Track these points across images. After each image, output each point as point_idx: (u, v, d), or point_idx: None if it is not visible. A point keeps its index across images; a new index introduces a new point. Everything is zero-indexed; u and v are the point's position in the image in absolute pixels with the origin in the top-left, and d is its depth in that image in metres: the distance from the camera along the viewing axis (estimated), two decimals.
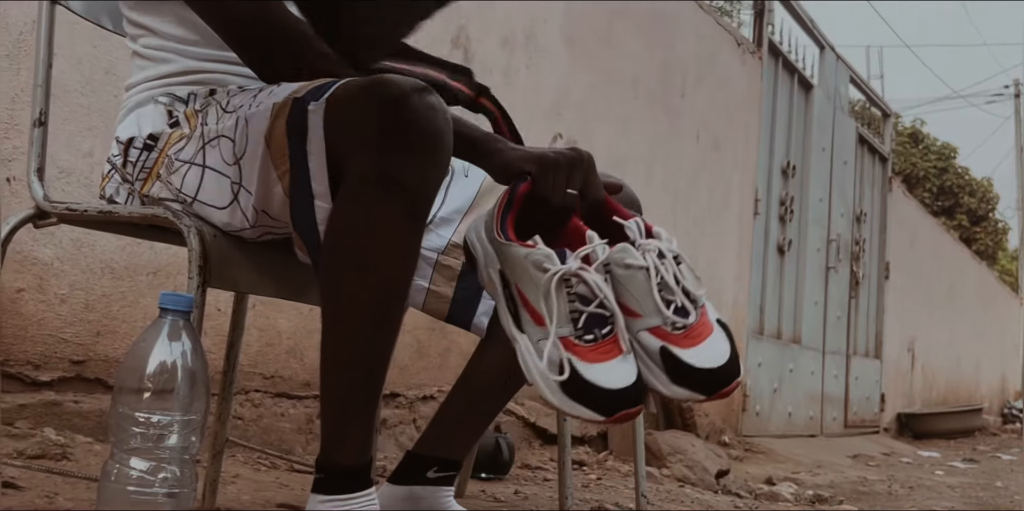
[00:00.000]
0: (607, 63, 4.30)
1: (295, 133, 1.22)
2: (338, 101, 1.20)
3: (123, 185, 1.48)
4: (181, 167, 1.37)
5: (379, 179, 1.17)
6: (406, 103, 1.17)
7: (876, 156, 7.85)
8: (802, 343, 6.41)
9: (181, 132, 1.40)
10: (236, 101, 1.37)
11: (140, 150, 1.43)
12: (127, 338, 2.42)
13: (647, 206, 4.87)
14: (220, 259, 1.38)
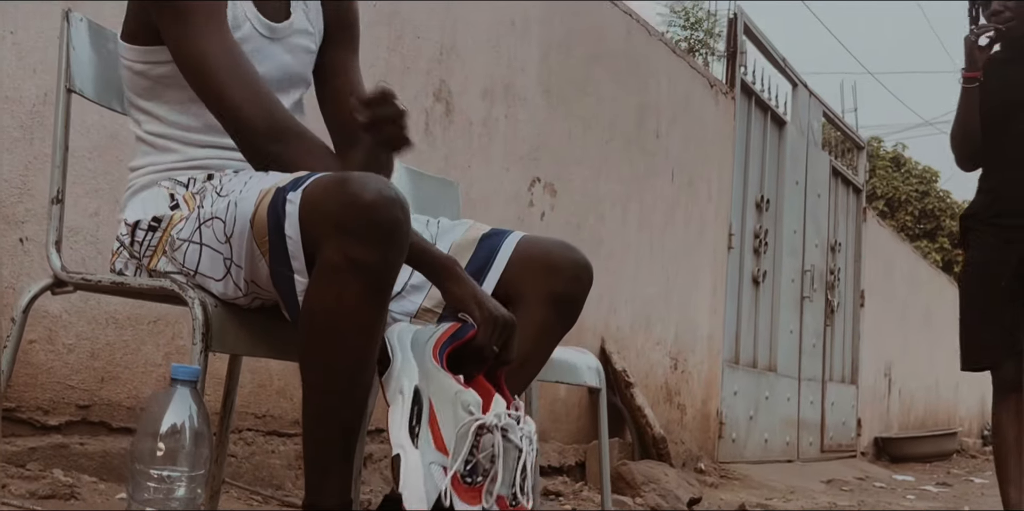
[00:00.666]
0: (584, 109, 4.52)
1: (274, 219, 1.42)
2: (312, 194, 1.40)
3: (131, 261, 1.67)
4: (182, 245, 1.56)
5: (346, 263, 1.37)
6: (368, 197, 1.36)
7: (850, 187, 8.08)
8: (778, 371, 6.60)
9: (181, 214, 1.59)
10: (229, 186, 1.56)
11: (146, 231, 1.62)
12: (129, 384, 2.60)
13: (625, 244, 5.06)
14: (220, 327, 1.57)
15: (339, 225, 1.36)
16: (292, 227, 1.40)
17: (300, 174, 1.47)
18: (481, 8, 3.82)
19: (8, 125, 2.32)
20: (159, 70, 1.65)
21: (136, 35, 1.66)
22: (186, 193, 1.62)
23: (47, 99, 2.38)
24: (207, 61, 1.56)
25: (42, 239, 2.38)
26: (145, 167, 1.72)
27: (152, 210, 1.63)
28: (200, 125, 1.69)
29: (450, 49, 3.65)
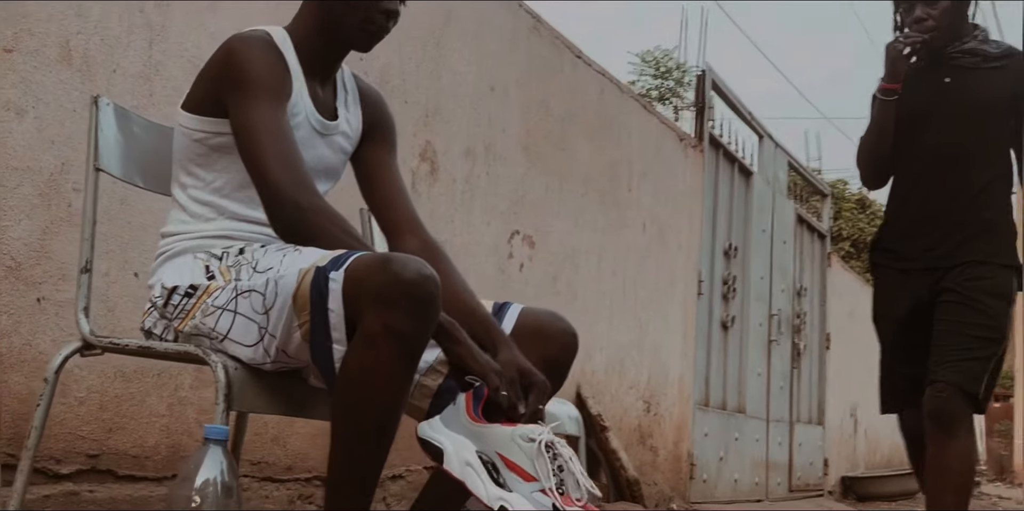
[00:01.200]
0: (560, 164, 4.73)
1: (317, 295, 1.61)
2: (356, 271, 1.60)
3: (161, 321, 1.85)
4: (216, 312, 1.74)
5: (385, 331, 1.56)
6: (408, 275, 1.57)
7: (815, 234, 8.34)
8: (747, 412, 6.79)
9: (216, 284, 1.77)
10: (265, 262, 1.75)
11: (182, 296, 1.80)
12: (134, 433, 2.75)
13: (599, 292, 5.26)
14: (240, 388, 1.74)
15: (381, 298, 1.55)
16: (335, 302, 1.59)
17: (337, 254, 1.65)
18: (464, 75, 4.03)
19: (28, 193, 2.48)
20: (215, 140, 1.86)
21: (200, 106, 1.87)
22: (221, 265, 1.80)
23: (63, 168, 2.56)
24: (257, 130, 1.77)
25: (57, 299, 2.55)
26: (180, 234, 1.90)
27: (189, 278, 1.81)
28: (241, 196, 1.88)
29: (435, 112, 3.86)
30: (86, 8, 2.59)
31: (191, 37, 2.88)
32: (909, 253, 2.87)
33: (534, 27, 4.51)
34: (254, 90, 1.79)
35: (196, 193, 1.91)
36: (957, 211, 2.84)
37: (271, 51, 1.86)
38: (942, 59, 2.88)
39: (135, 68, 2.73)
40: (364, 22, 1.92)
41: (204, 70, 1.90)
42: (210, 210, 1.90)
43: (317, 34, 1.94)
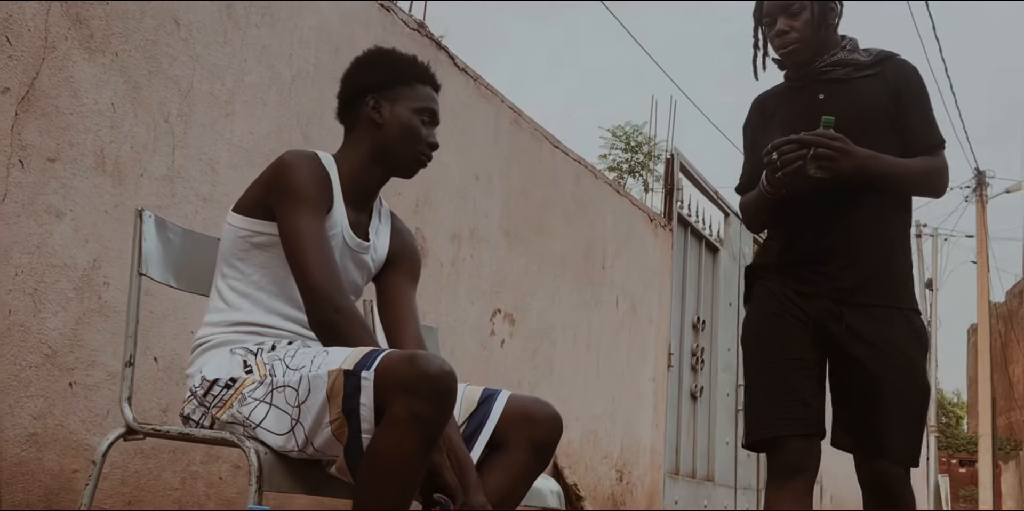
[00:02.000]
0: (539, 246, 5.04)
1: (351, 391, 1.88)
2: (387, 366, 1.87)
3: (199, 408, 2.10)
4: (253, 402, 2.00)
5: (411, 418, 1.83)
6: (433, 371, 1.85)
7: None
8: (715, 480, 7.04)
9: (253, 378, 2.03)
10: (297, 361, 2.01)
11: (222, 387, 2.05)
12: (151, 504, 2.98)
13: (574, 366, 5.57)
14: (270, 471, 2.00)
15: (409, 389, 1.82)
16: (367, 397, 1.86)
17: (364, 354, 1.93)
18: (451, 166, 4.35)
19: (65, 287, 2.74)
20: (257, 238, 2.14)
21: (249, 209, 2.16)
22: (257, 360, 2.06)
23: (95, 264, 2.82)
24: (303, 236, 2.05)
25: (87, 383, 2.80)
26: (217, 325, 2.16)
27: (228, 372, 2.06)
28: (274, 290, 2.16)
29: (424, 201, 4.16)
30: (119, 120, 2.88)
31: (208, 143, 3.17)
32: (808, 278, 2.58)
33: (515, 120, 4.84)
34: (301, 200, 2.07)
35: (235, 284, 2.18)
36: (852, 240, 2.57)
37: (318, 168, 2.15)
38: (812, 74, 2.68)
39: (160, 172, 3.01)
40: (418, 154, 2.24)
41: (258, 178, 2.19)
42: (246, 301, 2.17)
43: (369, 161, 2.24)
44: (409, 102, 2.26)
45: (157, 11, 2.98)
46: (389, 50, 2.36)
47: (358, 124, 2.27)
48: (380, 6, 3.94)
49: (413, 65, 2.33)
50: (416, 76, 2.30)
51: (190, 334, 3.04)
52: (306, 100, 3.56)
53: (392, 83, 2.26)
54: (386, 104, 2.25)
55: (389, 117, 2.24)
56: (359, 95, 2.27)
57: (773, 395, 2.53)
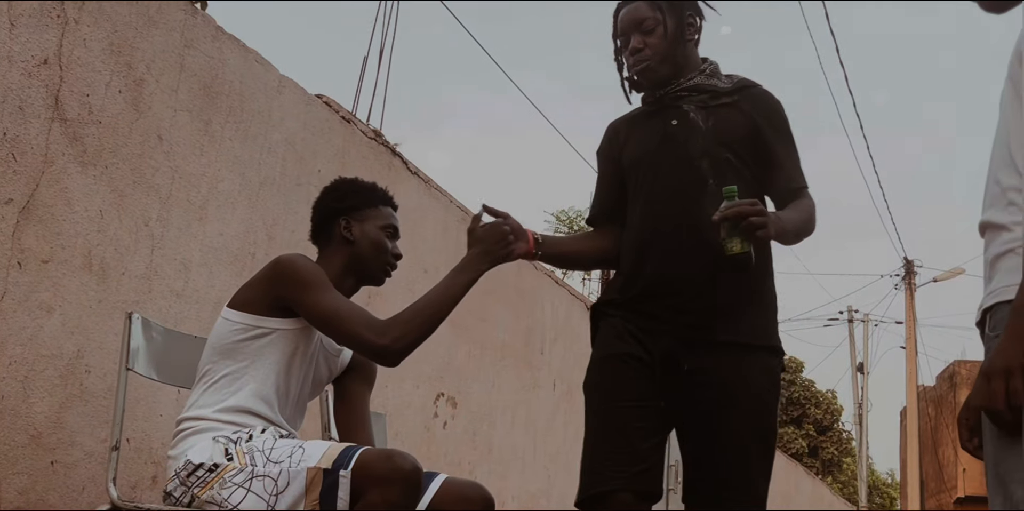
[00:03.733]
0: (481, 334, 5.40)
1: (328, 486, 2.21)
2: (365, 462, 2.21)
3: (181, 487, 2.41)
4: (232, 487, 2.32)
5: (385, 506, 2.16)
6: (407, 467, 2.19)
7: None
8: None
9: (234, 465, 2.35)
10: (277, 454, 2.32)
11: (205, 471, 2.37)
12: None
13: (512, 446, 5.89)
14: None
15: (385, 482, 2.17)
16: (344, 491, 2.20)
17: (340, 451, 2.26)
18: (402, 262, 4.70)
19: (51, 375, 3.05)
20: (253, 332, 2.45)
21: (247, 305, 2.47)
22: (237, 449, 2.38)
23: (79, 354, 3.14)
24: (340, 312, 2.38)
25: (67, 461, 3.09)
26: (206, 407, 2.46)
27: (212, 458, 2.37)
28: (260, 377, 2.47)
29: (376, 294, 4.52)
30: (105, 224, 3.23)
31: (183, 244, 3.52)
32: (653, 314, 2.43)
33: (462, 218, 5.25)
34: (317, 284, 2.40)
35: (226, 370, 2.48)
36: (705, 273, 2.40)
37: (312, 262, 2.49)
38: (667, 98, 2.54)
39: (139, 271, 3.35)
40: (385, 264, 2.63)
41: (255, 280, 2.50)
42: (235, 385, 2.47)
43: (342, 274, 2.59)
44: (375, 221, 2.65)
45: (144, 127, 3.35)
46: (352, 179, 2.78)
47: (331, 243, 2.63)
48: (341, 118, 4.35)
49: (375, 190, 2.73)
50: (379, 199, 2.71)
51: (159, 418, 3.36)
52: (272, 204, 3.93)
53: (360, 206, 2.66)
54: (356, 224, 2.63)
55: (359, 235, 2.62)
56: (332, 217, 2.65)
57: (607, 447, 2.35)
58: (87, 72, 3.13)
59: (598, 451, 2.37)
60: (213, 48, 3.65)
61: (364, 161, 4.51)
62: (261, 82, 3.88)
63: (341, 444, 2.31)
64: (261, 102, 3.88)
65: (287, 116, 4.03)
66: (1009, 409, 1.49)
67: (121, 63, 3.25)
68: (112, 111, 3.22)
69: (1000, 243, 1.63)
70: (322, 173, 4.22)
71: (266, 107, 3.91)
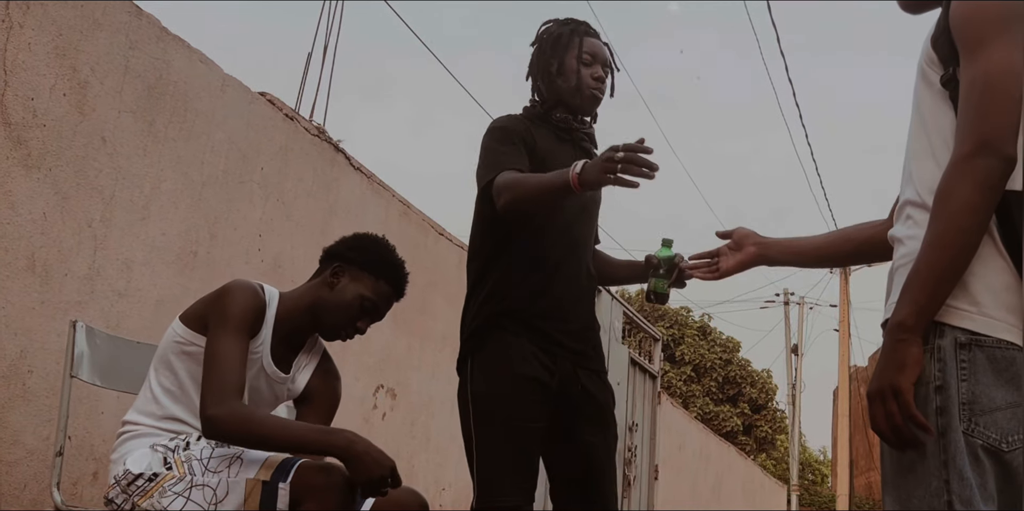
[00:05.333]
0: (421, 326, 5.49)
1: (266, 497, 2.29)
2: (302, 478, 2.28)
3: (122, 494, 2.47)
4: (171, 496, 2.39)
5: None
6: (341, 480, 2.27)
7: (647, 375, 9.26)
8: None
9: (173, 474, 2.42)
10: (214, 464, 2.38)
11: (145, 481, 2.44)
12: None
13: (450, 436, 5.96)
14: None
15: (323, 492, 2.25)
16: (283, 503, 2.27)
17: (278, 464, 2.33)
18: None
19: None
20: (190, 348, 2.48)
21: (190, 321, 2.48)
22: (176, 457, 2.44)
23: (22, 354, 3.18)
24: (218, 360, 2.36)
25: (8, 460, 3.14)
26: (146, 414, 2.51)
27: (150, 467, 2.42)
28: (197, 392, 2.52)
29: None
30: (48, 227, 3.26)
31: (126, 244, 3.56)
32: (554, 338, 2.59)
33: (404, 212, 5.32)
34: (229, 324, 2.39)
35: (165, 382, 2.52)
36: (590, 302, 2.69)
37: (255, 299, 2.45)
38: (576, 133, 2.74)
39: (81, 272, 3.39)
40: (340, 329, 2.58)
41: (206, 296, 2.51)
42: (170, 397, 2.51)
43: (302, 312, 2.57)
44: (363, 288, 2.56)
45: (88, 130, 3.38)
46: (388, 245, 2.67)
47: (316, 278, 2.63)
48: (284, 116, 4.39)
49: (393, 268, 2.62)
50: (388, 277, 2.60)
51: (100, 415, 3.42)
52: (215, 202, 3.97)
53: (364, 267, 2.58)
54: (345, 277, 2.58)
55: (340, 287, 2.57)
56: (334, 258, 2.62)
57: (516, 463, 2.49)
58: (31, 76, 3.15)
59: (503, 465, 2.51)
60: (158, 49, 3.67)
61: (307, 157, 4.56)
62: (205, 81, 3.92)
63: (279, 455, 2.38)
64: (205, 102, 3.92)
65: (230, 115, 4.07)
66: (891, 430, 1.55)
67: (66, 66, 3.28)
68: (56, 114, 3.25)
69: (897, 257, 1.69)
70: (265, 171, 4.27)
71: (210, 106, 3.95)
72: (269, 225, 4.24)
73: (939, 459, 1.53)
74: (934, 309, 1.55)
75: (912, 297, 1.55)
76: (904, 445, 1.55)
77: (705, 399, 21.37)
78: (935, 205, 1.57)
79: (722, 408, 21.69)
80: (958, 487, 1.50)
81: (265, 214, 4.26)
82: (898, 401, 1.52)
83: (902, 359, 1.53)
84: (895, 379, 1.53)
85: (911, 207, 1.67)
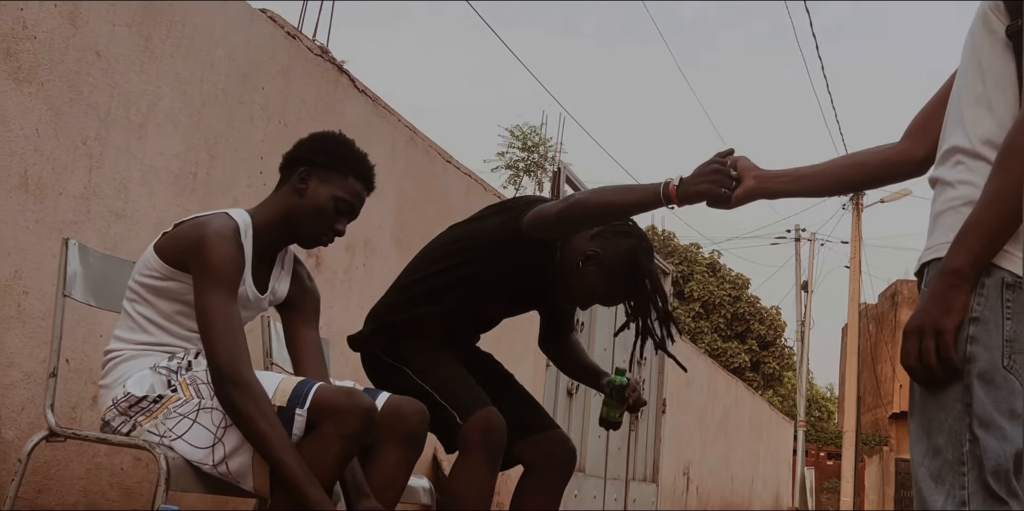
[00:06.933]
0: None
1: (283, 424, 2.23)
2: (321, 401, 2.24)
3: (120, 417, 2.39)
4: (177, 418, 2.31)
5: (337, 435, 2.23)
6: (366, 403, 2.24)
7: None
8: (586, 471, 7.51)
9: (179, 396, 2.34)
10: None
11: (150, 402, 2.36)
12: (58, 493, 3.27)
13: None
14: (177, 474, 2.33)
15: (343, 415, 2.22)
16: (299, 428, 2.24)
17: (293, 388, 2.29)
18: None
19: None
20: (169, 284, 2.40)
21: (168, 257, 2.39)
22: (180, 379, 2.37)
23: (16, 275, 3.10)
24: (213, 316, 2.30)
25: (3, 383, 3.08)
26: (127, 342, 2.44)
27: (154, 389, 2.35)
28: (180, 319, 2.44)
29: None
30: (42, 143, 3.16)
31: (122, 164, 3.45)
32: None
33: (411, 138, 5.19)
34: (216, 281, 2.31)
35: (143, 310, 2.44)
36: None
37: (236, 248, 2.36)
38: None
39: (77, 191, 3.29)
40: (318, 234, 2.50)
41: (185, 236, 2.38)
42: (152, 326, 2.43)
43: (277, 225, 2.48)
44: (335, 188, 2.48)
45: (81, 44, 3.25)
46: (347, 139, 2.59)
47: (282, 187, 2.53)
48: (287, 34, 4.25)
49: (358, 161, 2.55)
50: (354, 170, 2.52)
51: (99, 338, 3.35)
52: (215, 122, 3.86)
53: (328, 165, 2.50)
54: (314, 180, 2.48)
55: (311, 192, 2.48)
56: (297, 162, 2.52)
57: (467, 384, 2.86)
58: None
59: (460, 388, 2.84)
60: None
61: (310, 78, 4.43)
62: None
63: (292, 379, 2.31)
64: (204, 17, 3.78)
65: (230, 31, 3.93)
66: (922, 367, 1.58)
67: None
68: (47, 26, 3.12)
69: (944, 200, 1.69)
70: (266, 91, 4.14)
71: (209, 22, 3.81)
72: (271, 148, 4.12)
73: (962, 384, 1.55)
74: (990, 257, 1.58)
75: (969, 246, 1.57)
76: (931, 383, 1.59)
77: (713, 336, 21.42)
78: (1001, 158, 1.58)
79: (730, 344, 21.71)
80: (979, 410, 1.54)
81: (267, 136, 4.14)
82: (938, 341, 1.56)
83: (950, 303, 1.56)
84: (940, 320, 1.56)
85: (962, 154, 1.68)
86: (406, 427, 2.51)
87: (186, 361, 2.42)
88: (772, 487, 15.27)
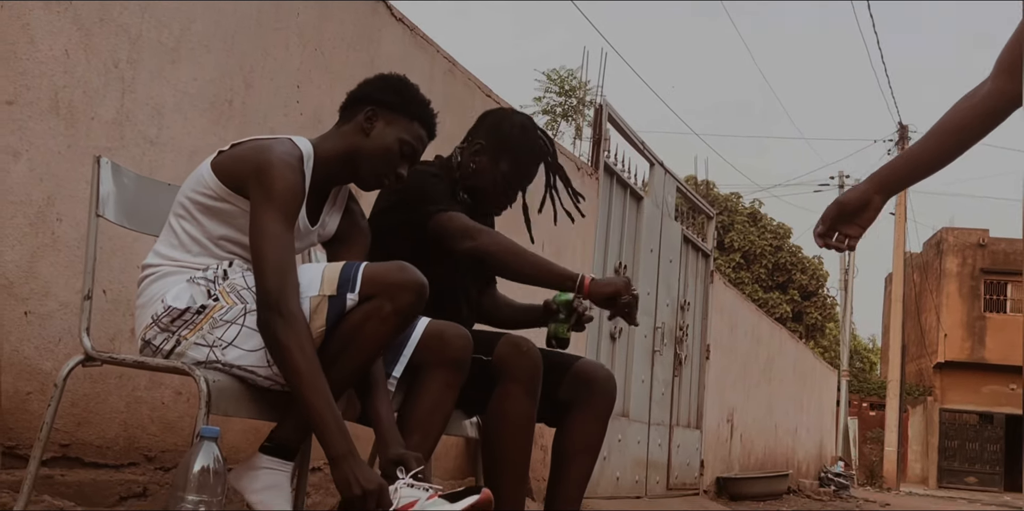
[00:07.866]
0: None
1: (335, 311, 2.18)
2: (373, 277, 2.18)
3: (162, 333, 2.30)
4: (224, 325, 2.23)
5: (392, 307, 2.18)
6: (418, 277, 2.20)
7: (699, 253, 9.04)
8: (630, 416, 7.42)
9: (221, 304, 2.26)
10: None
11: (193, 314, 2.27)
12: (98, 426, 3.21)
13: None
14: (217, 396, 2.23)
15: (395, 288, 2.17)
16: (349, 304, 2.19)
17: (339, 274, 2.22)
18: None
19: (20, 223, 2.93)
20: (223, 205, 2.32)
21: (227, 177, 2.31)
22: (220, 288, 2.28)
23: (49, 201, 3.01)
24: (266, 240, 2.21)
25: (40, 312, 3.00)
26: (167, 258, 2.37)
27: (196, 300, 2.27)
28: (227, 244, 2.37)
29: None
30: (72, 65, 3.05)
31: (155, 88, 3.34)
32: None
33: (449, 70, 5.04)
34: (276, 207, 2.23)
35: (190, 229, 2.36)
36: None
37: (300, 176, 2.30)
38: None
39: (109, 116, 3.18)
40: (382, 176, 2.45)
41: (243, 162, 2.30)
42: (197, 246, 2.36)
43: (336, 162, 2.42)
44: (400, 131, 2.45)
45: None
46: (413, 84, 2.56)
47: (349, 123, 2.46)
48: None
49: (423, 106, 2.53)
50: (420, 116, 2.50)
51: (136, 269, 3.24)
52: (249, 49, 3.73)
53: (397, 108, 2.46)
54: (380, 121, 2.44)
55: (376, 133, 2.43)
56: (363, 101, 2.47)
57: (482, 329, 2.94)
58: None
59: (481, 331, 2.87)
60: None
61: (346, 5, 4.28)
62: None
63: (335, 265, 2.23)
64: None
65: None
66: None
67: None
68: None
69: None
70: (301, 18, 4.00)
71: None
72: (308, 76, 4.00)
73: None
74: None
75: None
76: None
77: (754, 286, 21.20)
78: None
79: (771, 295, 21.49)
80: None
81: (303, 64, 4.01)
82: None
83: None
84: None
85: None
86: (450, 352, 2.48)
87: (221, 270, 2.33)
88: (816, 436, 15.17)
